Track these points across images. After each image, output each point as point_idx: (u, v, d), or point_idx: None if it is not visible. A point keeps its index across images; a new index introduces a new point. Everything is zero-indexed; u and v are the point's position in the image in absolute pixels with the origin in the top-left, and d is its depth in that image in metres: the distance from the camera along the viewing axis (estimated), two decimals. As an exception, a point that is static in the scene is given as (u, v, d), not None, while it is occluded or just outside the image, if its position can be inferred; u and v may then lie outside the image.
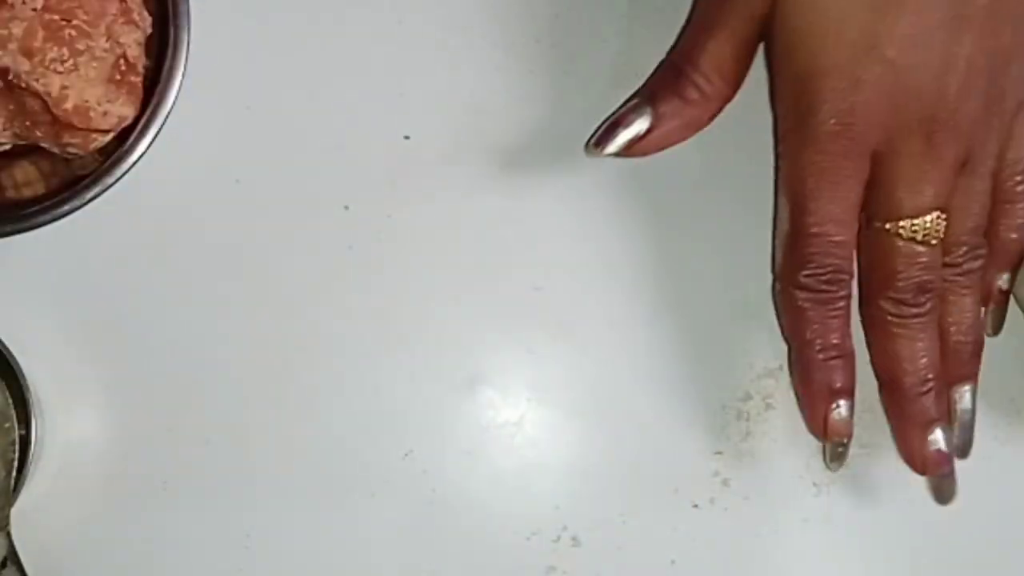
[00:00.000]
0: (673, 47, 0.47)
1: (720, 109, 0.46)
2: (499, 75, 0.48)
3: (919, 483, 0.49)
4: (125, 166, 0.42)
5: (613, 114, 0.46)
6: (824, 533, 0.49)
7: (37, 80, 0.41)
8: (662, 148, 0.46)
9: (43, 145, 0.43)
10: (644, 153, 0.46)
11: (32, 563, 0.44)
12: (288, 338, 0.47)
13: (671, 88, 0.45)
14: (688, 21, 0.47)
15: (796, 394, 0.47)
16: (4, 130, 0.42)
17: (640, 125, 0.45)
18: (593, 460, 0.48)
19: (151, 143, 0.42)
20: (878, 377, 0.46)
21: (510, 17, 0.48)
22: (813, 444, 0.49)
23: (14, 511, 0.43)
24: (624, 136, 0.45)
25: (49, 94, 0.41)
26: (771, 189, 0.47)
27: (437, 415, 0.48)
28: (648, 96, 0.46)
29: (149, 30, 0.43)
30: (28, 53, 0.40)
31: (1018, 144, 0.45)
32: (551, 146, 0.48)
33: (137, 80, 0.43)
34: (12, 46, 0.40)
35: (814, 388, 0.45)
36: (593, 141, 0.46)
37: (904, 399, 0.45)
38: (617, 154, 0.46)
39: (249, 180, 0.47)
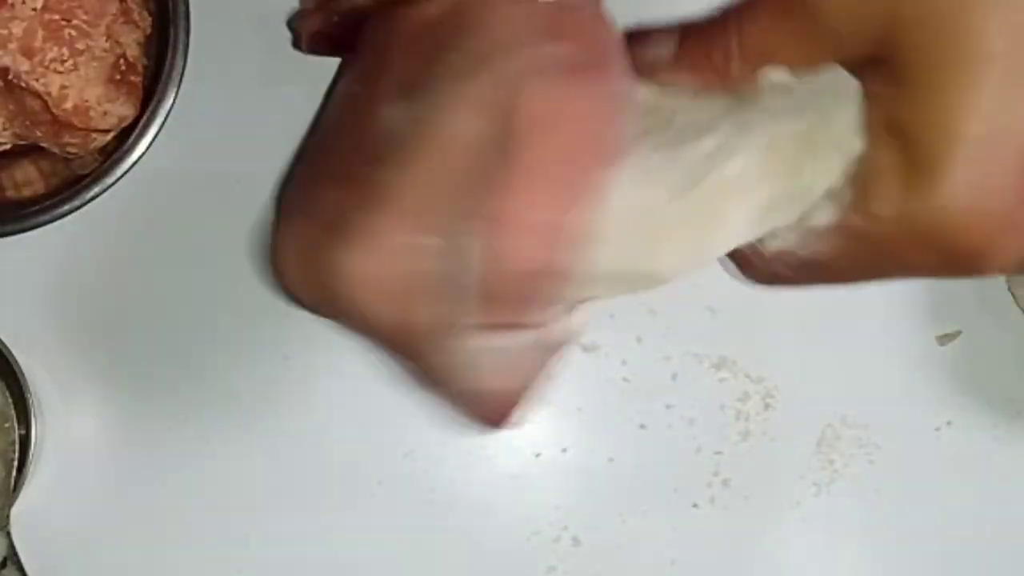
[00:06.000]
0: None
1: (736, 92, 0.38)
2: (499, 75, 0.48)
3: (919, 483, 0.49)
4: (125, 166, 0.42)
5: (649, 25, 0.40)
6: (824, 533, 0.49)
7: (37, 80, 0.41)
8: (671, 84, 0.39)
9: (43, 145, 0.43)
10: (652, 77, 0.39)
11: (32, 563, 0.44)
12: (288, 338, 0.47)
13: (705, 34, 0.38)
14: None
15: None
16: (4, 130, 0.43)
17: (659, 51, 0.39)
18: (593, 460, 0.48)
19: (151, 143, 0.43)
20: None
21: (510, 17, 0.48)
22: (813, 444, 0.49)
23: (14, 511, 0.43)
24: (640, 51, 0.39)
25: (49, 94, 0.41)
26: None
27: (437, 415, 0.48)
28: (682, 29, 0.39)
29: (149, 30, 0.43)
30: (28, 53, 0.41)
31: None
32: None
33: (137, 80, 0.43)
34: (12, 46, 0.40)
35: None
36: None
37: None
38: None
39: (249, 180, 0.47)
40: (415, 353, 0.37)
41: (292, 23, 0.45)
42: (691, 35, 0.39)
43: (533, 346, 0.37)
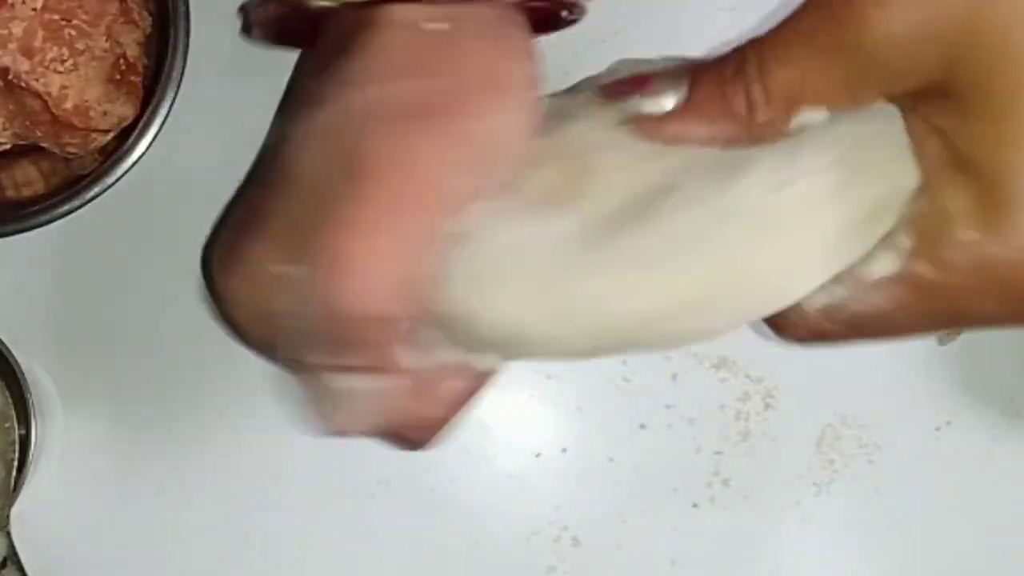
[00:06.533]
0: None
1: (762, 141, 0.34)
2: (499, 75, 0.48)
3: (919, 483, 0.49)
4: (125, 166, 0.42)
5: (641, 65, 0.36)
6: (824, 533, 0.49)
7: (37, 80, 0.41)
8: (673, 141, 0.35)
9: (43, 145, 0.43)
10: (646, 135, 0.35)
11: (32, 563, 0.44)
12: (288, 338, 0.47)
13: (719, 80, 0.34)
14: (798, 11, 0.34)
15: None
16: (4, 130, 0.43)
17: (663, 102, 0.35)
18: (593, 460, 0.48)
19: (151, 143, 0.43)
20: None
21: (510, 17, 0.48)
22: (813, 444, 0.49)
23: (14, 511, 0.43)
24: (638, 104, 0.35)
25: (49, 94, 0.41)
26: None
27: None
28: (690, 72, 0.35)
29: (149, 30, 0.43)
30: (28, 53, 0.41)
31: None
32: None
33: (137, 80, 0.43)
34: (12, 46, 0.40)
35: None
36: (600, 84, 0.37)
37: None
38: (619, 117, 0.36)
39: (249, 180, 0.47)
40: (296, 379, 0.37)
41: (244, 9, 0.44)
42: (703, 79, 0.35)
43: (406, 389, 0.36)
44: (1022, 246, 0.31)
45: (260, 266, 0.35)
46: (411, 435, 0.38)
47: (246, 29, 0.44)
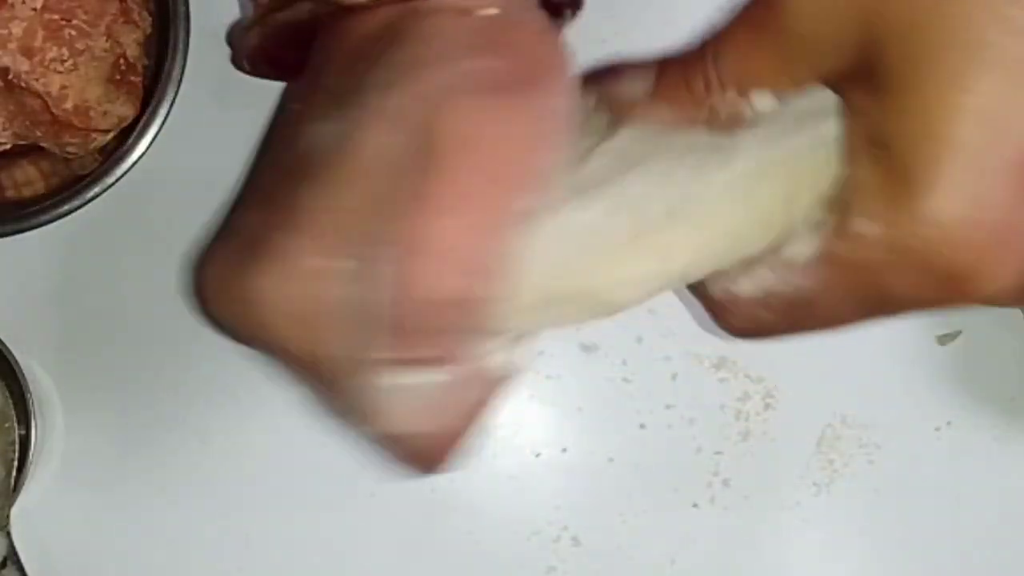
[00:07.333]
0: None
1: (721, 126, 0.36)
2: (499, 75, 0.48)
3: (919, 483, 0.49)
4: (125, 166, 0.42)
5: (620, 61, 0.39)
6: (824, 533, 0.49)
7: (37, 80, 0.41)
8: (647, 122, 0.37)
9: (43, 145, 0.43)
10: (629, 115, 0.37)
11: (32, 563, 0.44)
12: (288, 338, 0.47)
13: (683, 68, 0.36)
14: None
15: None
16: (4, 130, 0.43)
17: (635, 87, 0.37)
18: (593, 460, 0.48)
19: (151, 143, 0.43)
20: None
21: (510, 17, 0.48)
22: (813, 444, 0.49)
23: (14, 511, 0.43)
24: (615, 91, 0.37)
25: (49, 94, 0.41)
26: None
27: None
28: (660, 63, 0.37)
29: (149, 30, 0.43)
30: (28, 53, 0.41)
31: None
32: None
33: (137, 80, 0.43)
34: (12, 46, 0.40)
35: None
36: (580, 74, 0.38)
37: None
38: (597, 103, 0.38)
39: (249, 180, 0.47)
40: (329, 388, 0.35)
41: (230, 38, 0.45)
42: (669, 67, 0.37)
43: (458, 384, 0.34)
44: (926, 215, 0.31)
45: (305, 261, 0.33)
46: (428, 450, 0.36)
47: (236, 60, 0.44)
